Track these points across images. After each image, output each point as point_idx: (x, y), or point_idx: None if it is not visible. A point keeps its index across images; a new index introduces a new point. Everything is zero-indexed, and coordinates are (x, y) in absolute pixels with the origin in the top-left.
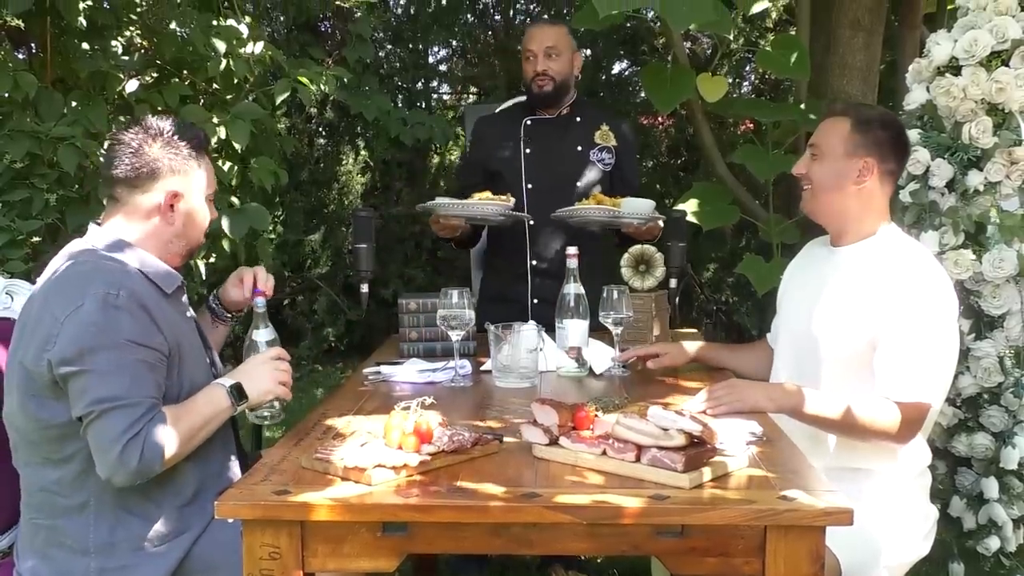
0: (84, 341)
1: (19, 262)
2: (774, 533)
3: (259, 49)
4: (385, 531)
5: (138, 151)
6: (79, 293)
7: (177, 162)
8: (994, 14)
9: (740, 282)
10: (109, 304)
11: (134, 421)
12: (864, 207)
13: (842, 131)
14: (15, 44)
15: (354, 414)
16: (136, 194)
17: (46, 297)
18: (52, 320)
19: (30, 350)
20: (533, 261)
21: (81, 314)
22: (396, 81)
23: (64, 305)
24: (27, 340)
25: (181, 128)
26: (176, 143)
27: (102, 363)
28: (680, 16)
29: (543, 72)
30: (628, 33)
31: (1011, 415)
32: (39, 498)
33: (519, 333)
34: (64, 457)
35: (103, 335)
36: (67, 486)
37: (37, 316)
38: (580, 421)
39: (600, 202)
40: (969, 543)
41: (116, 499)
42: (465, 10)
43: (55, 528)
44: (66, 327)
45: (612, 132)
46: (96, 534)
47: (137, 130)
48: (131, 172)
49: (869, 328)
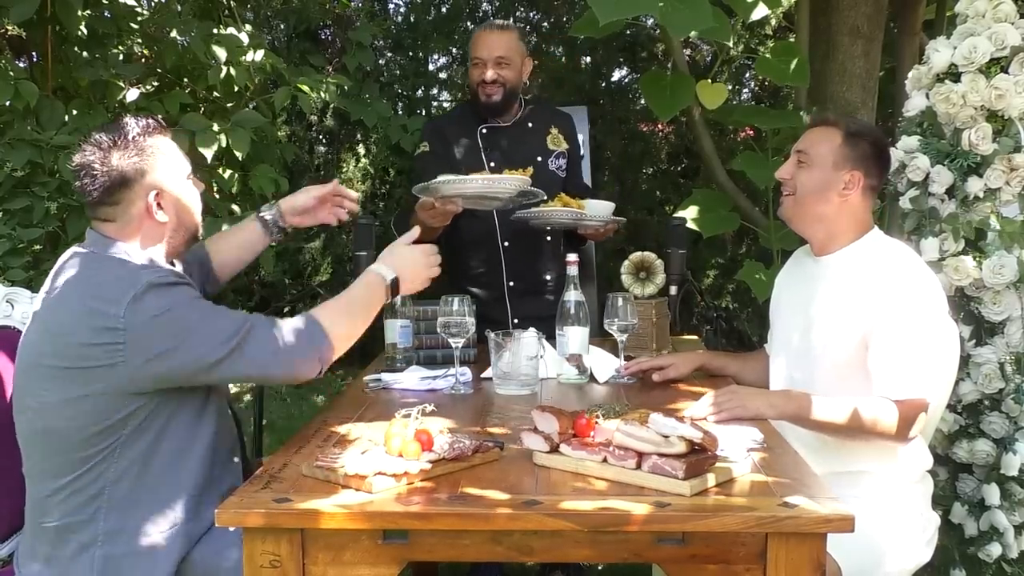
0: (167, 327)
1: (20, 270)
2: (775, 540)
3: (259, 57)
4: (386, 539)
5: (100, 169)
6: (129, 285)
7: (141, 161)
8: (993, 21)
9: (740, 289)
10: (163, 284)
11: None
12: (844, 218)
13: (833, 142)
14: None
15: (355, 422)
16: (118, 209)
17: (82, 298)
18: (108, 318)
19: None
20: (511, 283)
21: (144, 307)
22: (396, 88)
23: (115, 303)
24: (67, 343)
25: (129, 126)
26: (130, 143)
27: (197, 324)
28: (680, 24)
29: (492, 81)
30: (628, 40)
31: (1012, 421)
32: (52, 501)
33: (519, 340)
34: (97, 451)
35: (178, 310)
36: (85, 480)
37: (76, 319)
38: (581, 428)
39: (566, 204)
40: (970, 550)
41: (128, 488)
42: (465, 18)
43: (66, 527)
44: (135, 326)
45: (561, 134)
46: (106, 522)
47: (90, 149)
48: (103, 191)
49: (860, 330)
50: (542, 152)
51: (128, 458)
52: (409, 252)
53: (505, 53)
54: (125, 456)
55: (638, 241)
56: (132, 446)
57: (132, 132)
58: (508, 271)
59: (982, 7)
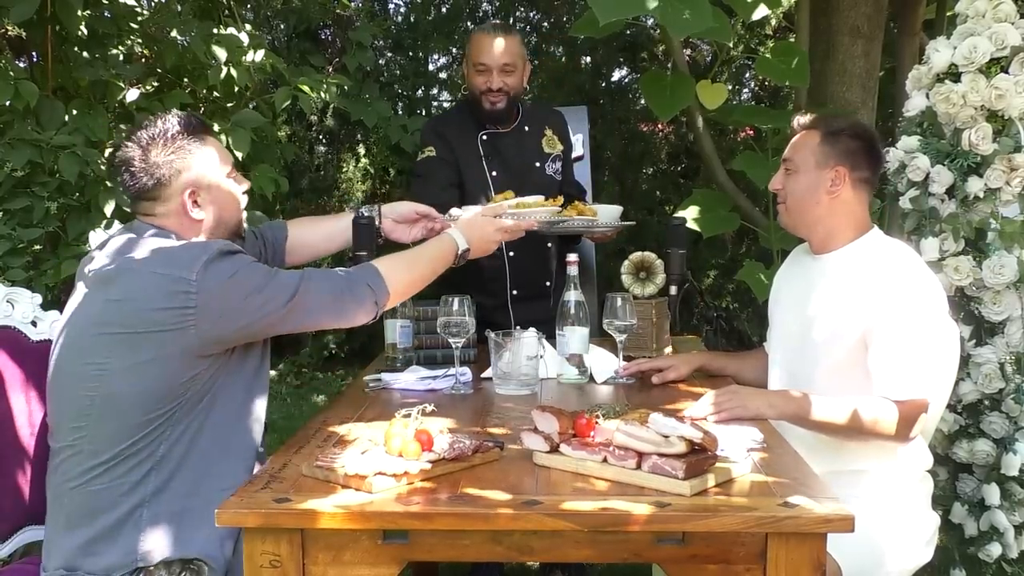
0: (235, 289)
1: (20, 270)
2: (775, 540)
3: (259, 57)
4: (386, 539)
5: (138, 166)
6: (202, 251)
7: (179, 159)
8: (993, 21)
9: (740, 289)
10: (230, 252)
11: (325, 275)
12: (840, 216)
13: (812, 143)
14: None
15: (355, 421)
16: (157, 205)
17: (152, 266)
18: (181, 282)
19: (156, 314)
20: (514, 291)
21: (215, 271)
22: (396, 88)
23: (188, 268)
24: (137, 308)
25: (171, 122)
26: (170, 140)
27: (261, 283)
28: (680, 24)
29: (498, 89)
30: (628, 40)
31: (1012, 421)
32: (101, 469)
33: (519, 341)
34: (157, 415)
35: (243, 272)
36: (140, 445)
37: (147, 285)
38: (581, 428)
39: (580, 212)
40: (971, 550)
41: (182, 454)
42: (465, 18)
43: (114, 490)
44: (207, 289)
45: (555, 135)
46: (155, 483)
47: (131, 146)
48: (141, 187)
49: (858, 328)
50: (539, 157)
51: (184, 423)
52: (486, 224)
53: (510, 60)
54: (182, 421)
55: (638, 241)
56: (189, 411)
57: (172, 130)
58: (512, 280)
59: (982, 7)
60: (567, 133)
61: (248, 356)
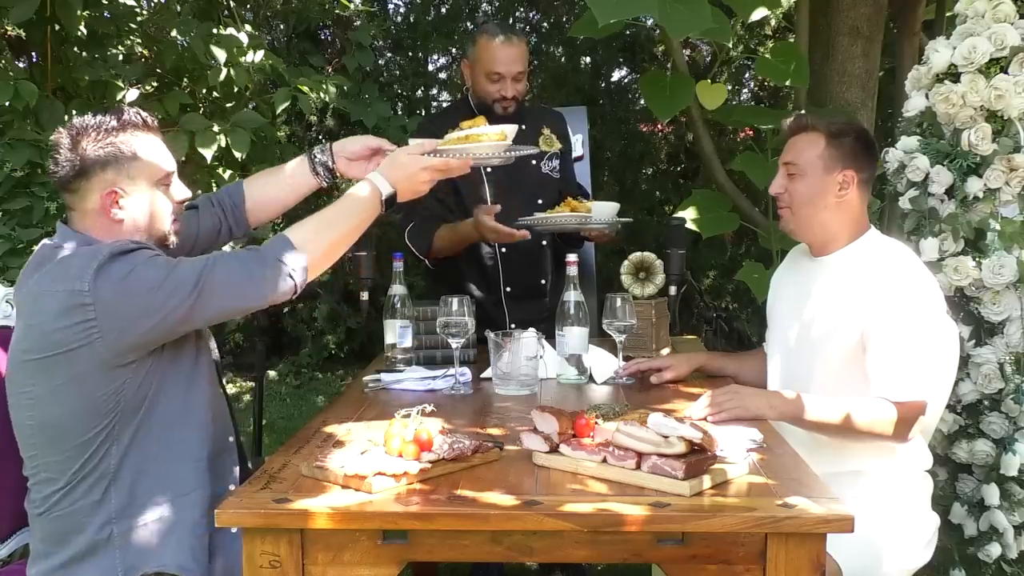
0: (133, 289)
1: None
2: (775, 540)
3: (259, 57)
4: (385, 539)
5: (66, 151)
6: (91, 258)
7: (106, 154)
8: (993, 21)
9: (740, 289)
10: (123, 252)
11: (232, 256)
12: (844, 218)
13: (818, 146)
14: (16, 53)
15: (354, 422)
16: (76, 200)
17: (49, 284)
18: (74, 295)
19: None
20: (507, 288)
21: (107, 276)
22: (396, 89)
23: (79, 279)
24: (42, 332)
25: (112, 116)
26: (103, 134)
27: (161, 278)
28: (679, 24)
29: (512, 97)
30: (627, 41)
31: (1011, 421)
32: (62, 493)
33: (519, 341)
34: (96, 433)
35: (139, 270)
36: (91, 464)
37: (45, 306)
38: (580, 429)
39: (573, 208)
40: (970, 550)
41: (133, 463)
42: (464, 18)
43: (79, 512)
44: (102, 296)
45: (553, 133)
46: (117, 499)
47: (63, 131)
48: (63, 176)
49: (857, 329)
50: (536, 156)
51: (127, 434)
52: (409, 163)
53: (523, 68)
54: (124, 433)
55: (638, 241)
56: (128, 421)
57: (109, 124)
58: (505, 277)
59: (982, 7)
60: (567, 133)
61: (181, 353)
